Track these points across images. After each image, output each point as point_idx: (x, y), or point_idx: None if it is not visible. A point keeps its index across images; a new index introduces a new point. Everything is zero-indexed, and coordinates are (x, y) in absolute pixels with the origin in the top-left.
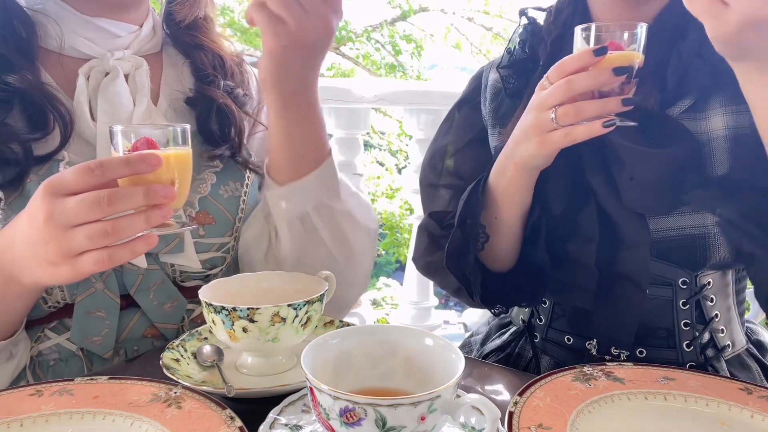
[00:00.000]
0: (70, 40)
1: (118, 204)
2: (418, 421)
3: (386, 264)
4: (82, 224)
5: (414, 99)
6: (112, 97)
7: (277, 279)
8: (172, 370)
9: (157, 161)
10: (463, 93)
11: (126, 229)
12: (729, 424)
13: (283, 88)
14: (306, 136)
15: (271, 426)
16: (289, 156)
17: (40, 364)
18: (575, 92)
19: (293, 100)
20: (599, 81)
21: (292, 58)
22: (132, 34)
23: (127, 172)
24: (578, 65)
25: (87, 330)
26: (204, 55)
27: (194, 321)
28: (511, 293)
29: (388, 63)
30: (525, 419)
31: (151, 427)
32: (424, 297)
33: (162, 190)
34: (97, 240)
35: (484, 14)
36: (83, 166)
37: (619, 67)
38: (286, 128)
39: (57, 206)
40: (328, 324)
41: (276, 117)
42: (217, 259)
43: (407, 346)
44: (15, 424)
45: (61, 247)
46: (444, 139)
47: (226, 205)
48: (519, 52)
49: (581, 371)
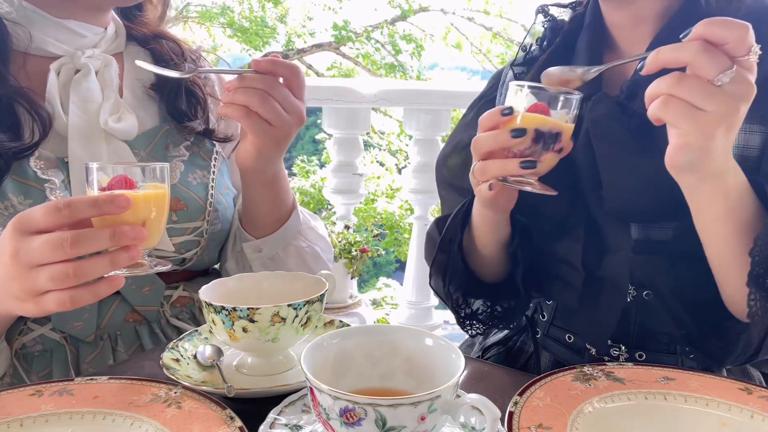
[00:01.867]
0: (38, 41)
1: (82, 246)
2: (418, 421)
3: (386, 264)
4: (45, 264)
5: (414, 99)
6: (84, 92)
7: (277, 279)
8: (172, 370)
9: (126, 203)
10: (483, 90)
11: (89, 272)
12: (729, 424)
13: (262, 169)
14: (275, 200)
15: (271, 426)
16: (262, 219)
17: (25, 356)
18: (481, 151)
19: (269, 175)
20: (498, 141)
21: (274, 148)
22: (98, 35)
23: (95, 213)
24: (488, 123)
25: (68, 315)
26: (161, 43)
27: (174, 305)
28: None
29: (388, 63)
30: (525, 419)
31: (151, 427)
32: (424, 297)
33: (131, 231)
34: (58, 282)
35: (485, 14)
36: (52, 205)
37: (517, 129)
38: (259, 198)
39: (23, 245)
40: (328, 324)
41: (253, 189)
42: (191, 243)
43: (407, 346)
44: (15, 424)
45: (24, 286)
46: (461, 135)
47: (195, 191)
48: (536, 50)
49: (581, 371)
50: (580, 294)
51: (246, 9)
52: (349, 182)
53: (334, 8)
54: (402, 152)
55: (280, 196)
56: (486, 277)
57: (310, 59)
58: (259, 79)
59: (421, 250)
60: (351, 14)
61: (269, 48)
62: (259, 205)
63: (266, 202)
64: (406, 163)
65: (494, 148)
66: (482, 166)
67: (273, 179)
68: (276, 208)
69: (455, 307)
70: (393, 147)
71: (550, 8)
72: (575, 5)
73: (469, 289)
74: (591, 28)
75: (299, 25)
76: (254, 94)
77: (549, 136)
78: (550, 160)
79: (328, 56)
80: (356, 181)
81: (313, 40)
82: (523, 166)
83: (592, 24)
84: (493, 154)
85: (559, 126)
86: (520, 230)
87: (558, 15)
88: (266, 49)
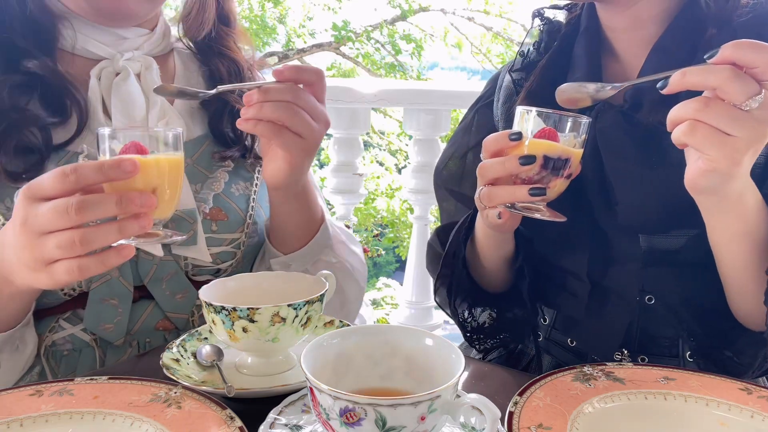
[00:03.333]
0: (81, 41)
1: (87, 212)
2: (418, 421)
3: (386, 264)
4: (53, 231)
5: (414, 99)
6: (125, 96)
7: (277, 279)
8: (172, 370)
9: (132, 167)
10: (480, 94)
11: (95, 239)
12: (729, 424)
13: (295, 186)
14: (304, 214)
15: (271, 426)
16: (290, 232)
17: (54, 354)
18: (487, 177)
19: (295, 190)
20: (505, 168)
21: (307, 160)
22: (142, 36)
23: (101, 178)
24: (494, 147)
25: (100, 316)
26: (220, 62)
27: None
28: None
29: (388, 63)
30: (525, 419)
31: (151, 427)
32: (424, 297)
33: (139, 198)
34: (66, 249)
35: (485, 14)
36: (59, 171)
37: (526, 156)
38: (287, 213)
39: (31, 211)
40: (328, 324)
41: (279, 205)
42: (228, 254)
43: (407, 346)
44: (15, 424)
45: (34, 254)
46: (461, 139)
47: (237, 202)
48: (534, 54)
49: (581, 371)
50: (586, 305)
51: (246, 9)
52: (349, 182)
53: (333, 8)
54: (402, 152)
55: (310, 209)
56: (490, 288)
57: (310, 59)
58: (284, 90)
59: (421, 250)
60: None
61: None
62: (287, 219)
63: (295, 215)
64: (406, 162)
65: (502, 175)
66: (489, 193)
67: (302, 192)
68: (305, 222)
69: (462, 323)
70: (393, 147)
71: (546, 11)
72: (570, 7)
73: (474, 299)
74: (588, 33)
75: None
76: (283, 108)
77: (558, 161)
78: (560, 185)
79: (327, 56)
80: (356, 181)
81: (313, 40)
82: (533, 193)
83: (588, 28)
84: (499, 180)
85: (568, 152)
86: (524, 244)
87: (553, 17)
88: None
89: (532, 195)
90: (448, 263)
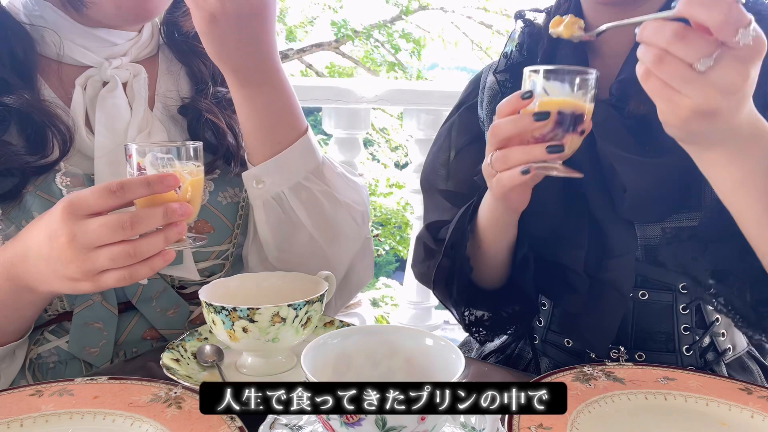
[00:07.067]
0: (68, 48)
1: (141, 226)
2: (418, 421)
3: (386, 264)
4: (104, 245)
5: (414, 99)
6: (110, 109)
7: (277, 279)
8: (172, 370)
9: (174, 181)
10: (462, 95)
11: (147, 250)
12: (729, 424)
13: (230, 62)
14: (272, 111)
15: (271, 426)
16: (259, 134)
17: (40, 366)
18: (501, 137)
19: (248, 76)
20: (519, 126)
21: (223, 30)
22: (130, 41)
23: (148, 192)
24: (508, 109)
25: (84, 340)
26: (202, 62)
27: (193, 323)
28: (500, 319)
29: (387, 62)
30: (525, 419)
31: (151, 427)
32: (424, 297)
33: (180, 208)
34: (120, 261)
35: (485, 12)
36: (103, 188)
37: (540, 112)
38: (249, 105)
39: (80, 228)
40: (328, 324)
41: (235, 94)
42: (216, 267)
43: (407, 346)
44: (15, 424)
45: (83, 267)
46: (443, 141)
47: (224, 212)
48: (516, 56)
49: (581, 371)
50: (584, 299)
51: None
52: None
53: (333, 7)
54: (402, 147)
55: (276, 108)
56: (485, 284)
57: (310, 59)
58: None
59: None
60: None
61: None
62: (248, 114)
63: (256, 111)
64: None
65: (515, 133)
66: (503, 154)
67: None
68: (271, 121)
69: (461, 314)
70: (392, 144)
71: (527, 13)
72: (551, 10)
73: (471, 297)
74: None
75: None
76: None
77: (572, 117)
78: (575, 142)
79: (327, 56)
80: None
81: (313, 39)
82: (551, 150)
83: None
84: (510, 141)
85: (581, 107)
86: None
87: (534, 19)
88: None
89: (550, 153)
90: (448, 253)
